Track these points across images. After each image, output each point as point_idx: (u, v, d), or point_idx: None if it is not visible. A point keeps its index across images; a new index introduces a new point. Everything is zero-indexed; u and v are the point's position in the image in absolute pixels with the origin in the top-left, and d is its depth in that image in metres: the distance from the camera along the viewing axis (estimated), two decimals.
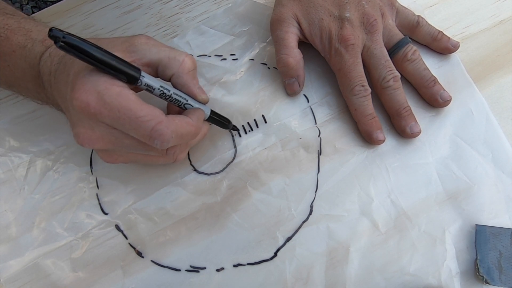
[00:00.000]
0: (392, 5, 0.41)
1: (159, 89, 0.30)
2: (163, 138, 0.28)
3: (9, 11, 0.35)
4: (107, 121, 0.28)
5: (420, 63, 0.39)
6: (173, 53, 0.32)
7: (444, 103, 0.39)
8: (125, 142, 0.30)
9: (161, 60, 0.32)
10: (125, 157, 0.33)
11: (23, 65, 0.34)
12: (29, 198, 0.37)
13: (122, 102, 0.28)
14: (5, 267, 0.35)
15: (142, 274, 0.35)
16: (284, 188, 0.37)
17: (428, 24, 0.41)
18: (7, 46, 0.33)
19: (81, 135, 0.29)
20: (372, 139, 0.38)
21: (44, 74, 0.33)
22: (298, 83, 0.39)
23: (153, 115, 0.28)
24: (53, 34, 0.25)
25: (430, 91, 0.39)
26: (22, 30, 0.34)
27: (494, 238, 0.35)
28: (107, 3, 0.44)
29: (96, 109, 0.27)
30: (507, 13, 0.43)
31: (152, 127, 0.28)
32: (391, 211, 0.37)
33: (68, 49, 0.25)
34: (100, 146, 0.30)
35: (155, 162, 0.35)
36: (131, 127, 0.28)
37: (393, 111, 0.38)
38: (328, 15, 0.38)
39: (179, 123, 0.30)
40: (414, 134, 0.38)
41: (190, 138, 0.32)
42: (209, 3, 0.44)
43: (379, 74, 0.38)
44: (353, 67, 0.37)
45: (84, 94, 0.27)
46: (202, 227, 0.36)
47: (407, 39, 0.39)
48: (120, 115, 0.28)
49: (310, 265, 0.35)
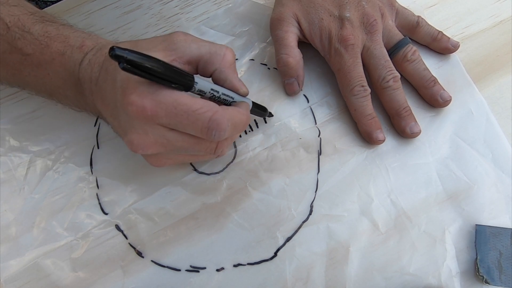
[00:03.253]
0: (392, 5, 0.41)
1: (210, 92, 0.30)
2: (220, 127, 0.29)
3: (49, 18, 0.35)
4: (164, 121, 0.28)
5: (420, 63, 0.39)
6: (213, 48, 0.31)
7: (444, 103, 0.39)
8: (177, 145, 0.30)
9: (202, 56, 0.31)
10: (173, 159, 0.33)
11: (63, 73, 0.34)
12: (29, 198, 0.37)
13: (177, 99, 0.28)
14: (5, 267, 0.35)
15: (142, 274, 0.35)
16: (284, 188, 0.37)
17: (428, 25, 0.41)
18: (47, 54, 0.33)
19: (135, 142, 0.29)
20: (372, 139, 0.38)
21: (85, 81, 0.33)
22: (298, 83, 0.39)
23: (209, 106, 0.28)
24: (116, 54, 0.24)
25: (430, 91, 0.39)
26: (60, 37, 0.33)
27: (494, 238, 0.35)
28: (107, 3, 0.44)
29: (153, 111, 0.27)
30: (507, 13, 0.43)
31: (209, 117, 0.28)
32: (391, 211, 0.37)
33: (131, 69, 0.25)
34: (153, 151, 0.30)
35: (201, 160, 0.35)
36: (189, 121, 0.28)
37: (393, 111, 0.38)
38: (328, 15, 0.38)
39: (233, 112, 0.30)
40: (414, 134, 0.38)
41: (242, 129, 0.32)
42: (209, 3, 0.44)
43: (378, 74, 0.38)
44: (352, 67, 0.37)
45: (138, 98, 0.27)
46: (202, 227, 0.36)
47: (407, 40, 0.39)
48: (177, 111, 0.28)
49: (310, 265, 0.35)
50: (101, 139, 0.39)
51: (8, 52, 0.33)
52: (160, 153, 0.31)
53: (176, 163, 0.34)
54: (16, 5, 0.34)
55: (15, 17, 0.33)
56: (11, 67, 0.34)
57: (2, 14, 0.33)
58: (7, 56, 0.34)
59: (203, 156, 0.34)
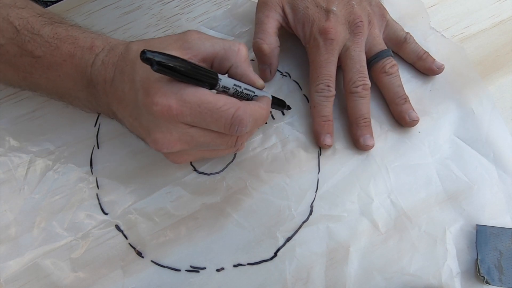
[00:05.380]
0: (383, 16, 0.40)
1: (233, 88, 0.31)
2: (243, 123, 0.29)
3: (57, 19, 0.35)
4: (188, 119, 0.28)
5: (396, 78, 0.39)
6: (227, 44, 0.31)
7: (411, 123, 0.38)
8: (200, 141, 0.31)
9: (217, 53, 0.31)
10: (195, 155, 0.34)
11: (74, 75, 0.33)
12: (29, 198, 0.37)
13: (201, 97, 0.28)
14: (5, 267, 0.35)
15: (142, 274, 0.35)
16: (284, 188, 0.37)
17: (415, 43, 0.41)
18: (58, 56, 0.33)
19: (160, 141, 0.29)
20: (319, 141, 0.38)
21: (98, 82, 0.33)
22: (270, 71, 0.39)
23: (231, 103, 0.29)
24: (147, 57, 0.25)
25: (400, 108, 0.38)
26: (70, 38, 0.33)
27: (495, 238, 0.35)
28: (107, 3, 0.44)
29: (178, 110, 0.28)
30: (507, 13, 0.43)
31: (232, 114, 0.29)
32: (391, 211, 0.36)
33: (164, 70, 0.25)
34: (177, 148, 0.30)
35: (221, 154, 0.36)
36: (213, 118, 0.29)
37: (352, 118, 0.38)
38: (315, 5, 0.38)
39: (254, 107, 0.31)
40: (367, 146, 0.38)
41: (262, 122, 0.33)
42: (209, 3, 0.44)
43: (350, 77, 0.38)
44: (325, 63, 0.37)
45: (163, 98, 0.27)
46: (202, 227, 0.36)
47: (389, 52, 0.39)
48: (201, 109, 0.28)
49: (310, 265, 0.35)
50: (101, 139, 0.39)
51: (19, 55, 0.33)
52: (183, 150, 0.31)
53: (197, 159, 0.35)
54: (24, 7, 0.34)
55: (24, 19, 0.33)
56: (22, 70, 0.34)
57: (11, 17, 0.33)
58: (17, 59, 0.34)
59: (223, 151, 0.35)
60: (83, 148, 0.38)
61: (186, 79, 0.27)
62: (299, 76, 0.41)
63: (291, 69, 0.42)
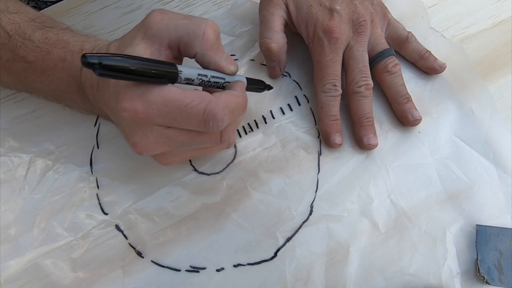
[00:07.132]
0: (385, 15, 0.40)
1: (197, 78, 0.29)
2: (217, 117, 0.27)
3: (49, 24, 0.35)
4: (158, 121, 0.27)
5: (398, 77, 0.39)
6: (192, 27, 0.29)
7: (413, 122, 0.38)
8: (180, 140, 0.29)
9: (180, 38, 0.29)
10: (181, 156, 0.33)
11: (66, 79, 0.33)
12: (29, 198, 0.37)
13: (166, 96, 0.26)
14: (5, 267, 0.35)
15: (142, 274, 0.35)
16: (284, 188, 0.37)
17: (417, 42, 0.41)
18: (49, 60, 0.33)
19: (138, 144, 0.29)
20: (329, 141, 0.38)
21: (87, 87, 0.32)
22: (280, 68, 0.39)
23: (200, 97, 0.27)
24: (89, 62, 0.22)
25: (402, 108, 0.38)
26: (61, 42, 0.33)
27: (495, 238, 0.35)
28: (107, 3, 0.44)
29: (144, 113, 0.27)
30: (507, 13, 0.43)
31: (203, 109, 0.27)
32: (391, 211, 0.36)
33: (109, 73, 0.24)
34: (158, 150, 0.30)
35: (211, 152, 0.34)
36: (183, 117, 0.27)
37: (356, 118, 0.38)
38: (318, 4, 0.38)
39: (227, 97, 0.29)
40: (370, 146, 0.37)
41: (241, 112, 0.31)
42: (209, 3, 0.44)
43: (353, 77, 0.37)
44: (330, 63, 0.37)
45: (128, 102, 0.26)
46: (202, 227, 0.36)
47: (391, 51, 0.39)
48: (169, 109, 0.27)
49: (310, 265, 0.35)
50: (101, 139, 0.39)
51: (12, 60, 0.33)
52: (167, 151, 0.31)
53: (186, 159, 0.34)
54: (17, 12, 0.34)
55: (15, 25, 0.33)
56: (17, 75, 0.34)
57: (4, 22, 0.33)
58: (11, 64, 0.34)
59: (211, 148, 0.34)
60: (83, 148, 0.38)
61: (140, 78, 0.25)
62: (299, 76, 0.41)
63: (291, 69, 0.42)
